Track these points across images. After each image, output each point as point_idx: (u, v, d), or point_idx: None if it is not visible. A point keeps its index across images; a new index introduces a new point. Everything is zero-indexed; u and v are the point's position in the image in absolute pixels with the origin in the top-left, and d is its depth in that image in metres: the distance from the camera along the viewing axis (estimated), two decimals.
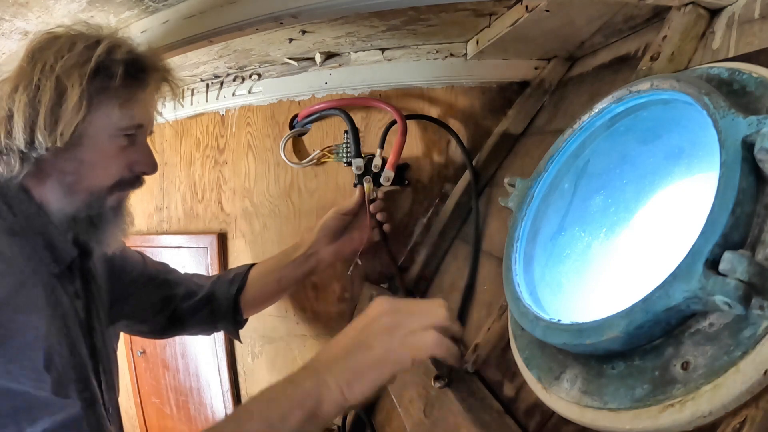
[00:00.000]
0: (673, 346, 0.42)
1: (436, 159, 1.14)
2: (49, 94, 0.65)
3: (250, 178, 1.27)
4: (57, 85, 0.65)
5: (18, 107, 0.64)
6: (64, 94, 0.65)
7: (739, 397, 0.37)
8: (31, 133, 0.64)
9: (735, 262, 0.36)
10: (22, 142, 0.64)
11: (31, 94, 0.65)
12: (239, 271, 1.06)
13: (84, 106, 0.66)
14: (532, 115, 1.05)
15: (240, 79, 1.25)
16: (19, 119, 0.64)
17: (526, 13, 0.81)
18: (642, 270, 0.60)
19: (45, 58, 0.66)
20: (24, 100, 0.64)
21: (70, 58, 0.66)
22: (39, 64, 0.66)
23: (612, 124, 0.64)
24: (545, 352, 0.56)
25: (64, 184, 0.70)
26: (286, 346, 1.26)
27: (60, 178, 0.69)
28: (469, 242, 0.98)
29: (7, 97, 0.65)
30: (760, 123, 0.40)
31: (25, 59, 0.67)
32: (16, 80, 0.66)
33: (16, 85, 0.65)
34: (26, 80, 0.65)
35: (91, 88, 0.67)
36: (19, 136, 0.64)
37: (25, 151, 0.65)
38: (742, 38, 0.57)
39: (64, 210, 0.70)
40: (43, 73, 0.65)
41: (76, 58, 0.66)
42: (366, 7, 0.77)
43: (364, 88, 1.14)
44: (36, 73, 0.65)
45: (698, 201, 0.54)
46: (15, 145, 0.65)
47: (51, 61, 0.65)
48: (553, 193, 0.69)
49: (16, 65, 0.68)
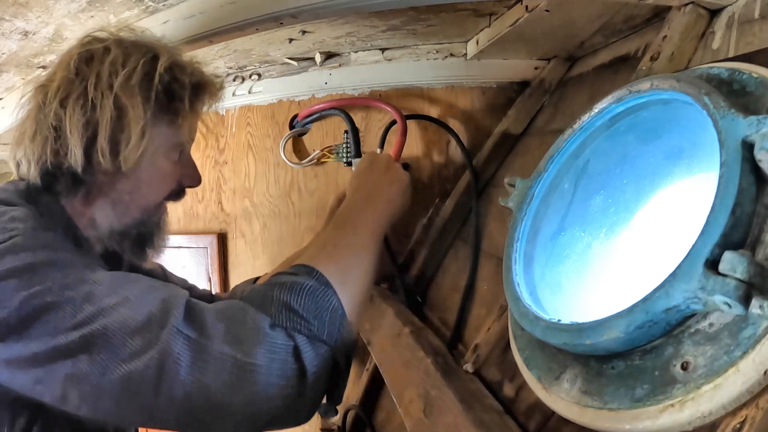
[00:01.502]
0: (673, 346, 0.42)
1: (436, 159, 1.14)
2: (108, 114, 0.60)
3: (250, 178, 1.27)
4: (116, 104, 0.61)
5: (71, 126, 0.60)
6: (125, 115, 0.61)
7: (738, 397, 0.37)
8: (89, 156, 0.61)
9: (735, 262, 0.36)
10: (79, 165, 0.60)
11: (86, 112, 0.60)
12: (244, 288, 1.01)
13: (148, 131, 0.63)
14: (532, 115, 1.05)
15: (240, 79, 1.25)
16: (75, 140, 0.60)
17: (526, 13, 0.81)
18: (642, 270, 0.60)
19: (97, 70, 0.62)
20: (78, 118, 0.60)
21: (129, 74, 0.62)
22: (92, 77, 0.61)
23: (612, 124, 0.64)
24: (545, 352, 0.56)
25: (119, 204, 0.67)
26: None
27: (115, 197, 0.66)
28: (469, 242, 0.98)
29: (54, 111, 0.60)
30: (760, 123, 0.40)
31: (70, 69, 0.62)
32: (64, 93, 0.61)
33: (64, 99, 0.61)
34: (77, 94, 0.61)
35: (155, 110, 0.64)
36: (75, 159, 0.60)
37: (79, 174, 0.61)
38: (742, 38, 0.57)
39: (112, 227, 0.67)
40: (98, 89, 0.61)
41: (137, 75, 0.62)
42: (366, 7, 0.77)
43: (364, 88, 1.14)
44: (90, 88, 0.61)
45: (698, 201, 0.54)
46: (67, 168, 0.61)
47: (106, 76, 0.61)
48: (553, 193, 0.69)
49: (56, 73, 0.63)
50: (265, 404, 0.52)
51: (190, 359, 0.49)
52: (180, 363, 0.49)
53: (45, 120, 0.61)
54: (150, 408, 0.50)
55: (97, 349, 0.49)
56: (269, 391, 0.51)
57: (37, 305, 0.49)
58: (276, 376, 0.51)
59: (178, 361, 0.49)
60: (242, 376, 0.50)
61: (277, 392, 0.52)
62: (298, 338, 0.53)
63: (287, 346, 0.53)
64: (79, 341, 0.49)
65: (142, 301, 0.52)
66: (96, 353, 0.49)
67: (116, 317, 0.50)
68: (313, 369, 0.54)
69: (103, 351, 0.49)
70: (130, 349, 0.49)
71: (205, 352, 0.50)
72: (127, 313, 0.51)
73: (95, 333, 0.49)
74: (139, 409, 0.50)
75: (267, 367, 0.51)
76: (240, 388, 0.50)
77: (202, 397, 0.49)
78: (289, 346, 0.53)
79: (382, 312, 0.99)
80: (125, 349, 0.49)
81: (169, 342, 0.49)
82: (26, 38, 0.91)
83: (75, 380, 0.49)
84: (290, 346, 0.53)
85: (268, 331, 0.53)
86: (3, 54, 0.98)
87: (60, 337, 0.49)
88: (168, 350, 0.49)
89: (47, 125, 0.61)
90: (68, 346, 0.49)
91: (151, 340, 0.49)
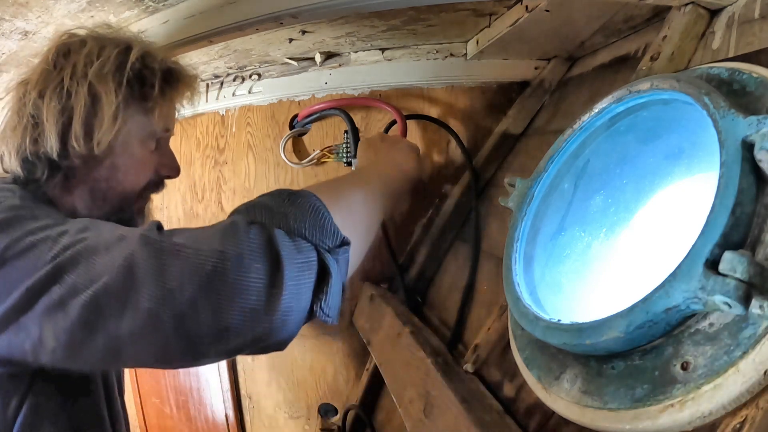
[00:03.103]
0: (673, 346, 0.42)
1: (436, 159, 1.14)
2: (82, 101, 0.62)
3: (250, 178, 1.27)
4: (90, 91, 0.63)
5: (47, 113, 0.62)
6: (98, 101, 0.63)
7: (738, 397, 0.37)
8: (64, 141, 0.62)
9: (735, 262, 0.36)
10: (54, 151, 0.62)
11: (62, 100, 0.62)
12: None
13: (120, 115, 0.64)
14: (532, 115, 1.05)
15: (240, 79, 1.25)
16: (51, 126, 0.62)
17: (526, 13, 0.81)
18: (642, 270, 0.60)
19: (73, 62, 0.64)
20: (54, 105, 0.62)
21: (103, 63, 0.64)
22: (68, 68, 0.63)
23: (612, 124, 0.64)
24: (545, 352, 0.56)
25: (96, 191, 0.68)
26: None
27: (91, 185, 0.68)
28: (469, 242, 0.98)
29: (32, 102, 0.63)
30: (760, 123, 0.40)
31: (49, 62, 0.65)
32: (42, 84, 0.63)
33: (42, 90, 0.63)
34: (54, 84, 0.63)
35: (127, 95, 0.66)
36: (50, 144, 0.62)
37: (56, 159, 0.63)
38: (742, 38, 0.57)
39: (91, 215, 0.67)
40: (73, 79, 0.63)
41: (110, 64, 0.64)
42: (366, 7, 0.77)
43: (364, 88, 1.14)
44: (66, 78, 0.63)
45: (698, 201, 0.54)
46: (43, 153, 0.63)
47: (81, 66, 0.63)
48: (553, 193, 0.69)
49: (36, 68, 0.66)
50: (237, 301, 0.46)
51: (156, 262, 0.46)
52: (147, 269, 0.46)
53: (24, 111, 0.63)
54: (117, 332, 0.46)
55: (68, 272, 0.47)
56: (241, 283, 0.46)
57: (18, 249, 0.49)
58: (246, 267, 0.47)
59: (145, 268, 0.46)
60: (210, 270, 0.46)
61: (248, 284, 0.47)
62: (274, 231, 0.50)
63: (261, 236, 0.49)
64: (51, 271, 0.48)
65: (114, 229, 0.52)
66: (67, 276, 0.47)
67: (87, 243, 0.50)
68: (290, 259, 0.49)
69: (72, 272, 0.47)
70: (99, 266, 0.47)
71: (171, 252, 0.47)
72: (97, 238, 0.50)
73: (66, 259, 0.48)
74: (108, 336, 0.46)
75: (237, 256, 0.47)
76: (209, 284, 0.46)
77: (171, 303, 0.45)
78: (264, 234, 0.49)
79: (382, 312, 0.99)
80: (93, 267, 0.47)
81: (136, 250, 0.47)
82: (26, 38, 0.91)
83: (48, 313, 0.47)
84: (265, 235, 0.49)
85: (242, 227, 0.49)
86: (3, 54, 0.98)
87: (37, 273, 0.48)
88: (134, 258, 0.46)
89: (26, 116, 0.63)
90: (42, 280, 0.48)
91: (118, 254, 0.47)
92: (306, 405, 1.27)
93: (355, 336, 1.16)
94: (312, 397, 1.26)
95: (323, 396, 1.24)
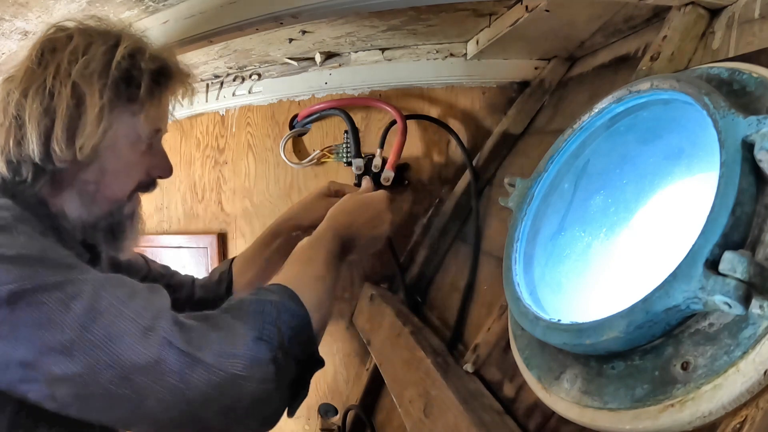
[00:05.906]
0: (673, 346, 0.42)
1: (436, 159, 1.14)
2: (65, 103, 0.60)
3: (250, 178, 1.27)
4: (73, 92, 0.60)
5: (30, 115, 0.59)
6: (82, 103, 0.61)
7: (738, 397, 0.37)
8: (47, 145, 0.60)
9: (735, 262, 0.36)
10: (36, 154, 0.60)
11: (44, 101, 0.60)
12: (223, 269, 1.02)
13: (105, 118, 0.61)
14: (532, 115, 1.05)
15: (240, 79, 1.25)
16: (33, 129, 0.59)
17: (526, 13, 0.81)
18: (642, 270, 0.60)
19: (58, 60, 0.61)
20: (36, 107, 0.59)
21: (88, 61, 0.61)
22: (51, 66, 0.61)
23: (612, 124, 0.64)
24: (545, 352, 0.56)
25: (84, 194, 0.66)
26: None
27: (80, 188, 0.65)
28: (469, 242, 0.98)
29: (15, 101, 0.60)
30: (760, 123, 0.40)
31: (33, 59, 0.62)
32: (26, 83, 0.61)
33: (26, 89, 0.60)
34: (37, 84, 0.60)
35: (113, 96, 0.63)
36: (33, 148, 0.59)
37: (39, 163, 0.61)
38: (742, 38, 0.57)
39: (81, 218, 0.67)
40: (56, 78, 0.60)
41: (95, 62, 0.62)
42: (366, 7, 0.77)
43: (364, 88, 1.14)
44: (49, 77, 0.60)
45: (698, 201, 0.54)
46: (26, 156, 0.60)
47: (65, 65, 0.60)
48: (553, 193, 0.69)
49: (22, 64, 0.63)
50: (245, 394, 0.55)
51: (178, 368, 0.51)
52: (166, 372, 0.51)
53: (8, 110, 0.61)
54: (136, 412, 0.51)
55: (87, 351, 0.49)
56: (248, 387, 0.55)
57: (28, 301, 0.49)
58: (257, 380, 0.55)
59: (165, 370, 0.51)
60: (224, 383, 0.53)
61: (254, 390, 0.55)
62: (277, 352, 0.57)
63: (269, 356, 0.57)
64: (67, 342, 0.49)
65: (129, 306, 0.53)
66: (85, 355, 0.49)
67: (105, 321, 0.51)
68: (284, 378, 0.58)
69: (90, 354, 0.50)
70: (120, 354, 0.50)
71: (193, 362, 0.52)
72: (117, 317, 0.52)
73: (85, 338, 0.50)
74: (126, 412, 0.52)
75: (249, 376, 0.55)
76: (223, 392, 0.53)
77: (182, 403, 0.52)
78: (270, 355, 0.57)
79: (382, 312, 0.99)
80: (116, 353, 0.50)
81: (160, 350, 0.51)
82: (26, 38, 0.91)
83: (63, 380, 0.49)
84: (271, 356, 0.57)
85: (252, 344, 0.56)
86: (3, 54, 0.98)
87: (48, 335, 0.49)
88: (157, 359, 0.51)
89: (10, 116, 0.61)
90: (59, 345, 0.49)
91: (143, 347, 0.51)
92: (306, 405, 1.27)
93: (355, 336, 1.16)
94: (312, 397, 1.25)
95: (323, 396, 1.24)
